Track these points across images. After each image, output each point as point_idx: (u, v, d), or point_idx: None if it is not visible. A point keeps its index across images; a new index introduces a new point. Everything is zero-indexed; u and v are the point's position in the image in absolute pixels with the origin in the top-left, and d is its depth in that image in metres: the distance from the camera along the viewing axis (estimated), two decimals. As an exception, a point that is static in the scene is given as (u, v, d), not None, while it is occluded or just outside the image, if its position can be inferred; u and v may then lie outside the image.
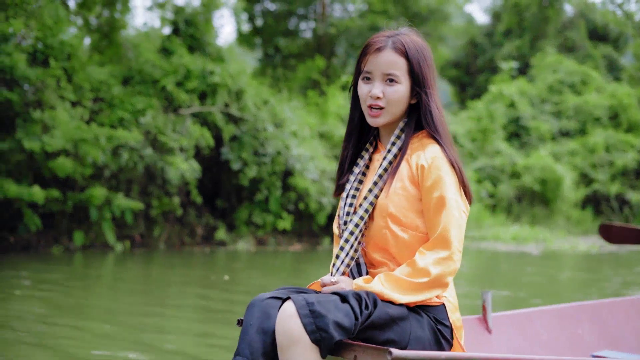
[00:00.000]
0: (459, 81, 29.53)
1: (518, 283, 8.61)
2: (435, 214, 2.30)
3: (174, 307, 6.48)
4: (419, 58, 2.39)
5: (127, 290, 7.56)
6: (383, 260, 2.41)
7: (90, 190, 10.60)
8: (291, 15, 23.76)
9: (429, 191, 2.31)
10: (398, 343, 2.23)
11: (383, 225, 2.37)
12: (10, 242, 10.80)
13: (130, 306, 6.44)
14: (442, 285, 2.28)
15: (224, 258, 11.01)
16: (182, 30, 12.98)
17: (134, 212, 11.31)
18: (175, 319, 5.88)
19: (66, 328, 5.21)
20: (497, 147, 18.70)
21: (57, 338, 4.86)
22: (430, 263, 2.25)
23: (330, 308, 2.12)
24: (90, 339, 4.89)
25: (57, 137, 9.97)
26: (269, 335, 2.16)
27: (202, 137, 11.61)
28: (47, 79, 10.05)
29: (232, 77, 12.24)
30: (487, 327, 3.03)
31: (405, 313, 2.26)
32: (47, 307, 6.19)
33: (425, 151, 2.36)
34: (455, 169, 2.33)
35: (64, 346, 4.56)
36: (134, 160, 10.99)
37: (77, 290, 7.48)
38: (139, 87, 11.68)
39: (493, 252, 12.69)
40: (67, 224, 11.04)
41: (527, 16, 27.46)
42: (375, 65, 2.40)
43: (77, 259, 10.14)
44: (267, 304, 2.21)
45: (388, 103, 2.39)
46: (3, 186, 9.68)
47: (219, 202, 12.76)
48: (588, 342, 3.27)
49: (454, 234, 2.28)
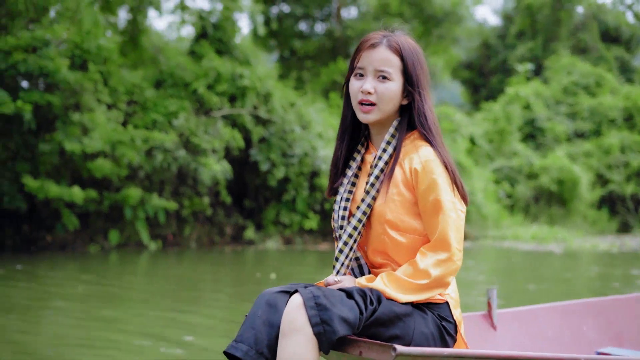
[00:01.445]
0: (472, 82, 29.74)
1: (553, 279, 8.89)
2: (432, 217, 2.32)
3: (226, 307, 6.74)
4: (413, 58, 2.39)
5: (175, 287, 7.82)
6: (384, 261, 2.42)
7: (125, 191, 10.89)
8: (306, 17, 24.01)
9: (424, 195, 2.32)
10: (402, 339, 2.26)
11: (381, 232, 2.38)
12: (47, 242, 11.10)
13: (185, 304, 6.70)
14: (443, 285, 2.32)
15: (259, 256, 11.27)
16: (210, 34, 13.26)
17: (167, 212, 11.59)
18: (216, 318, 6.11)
19: (108, 323, 5.45)
20: (514, 148, 18.95)
21: (100, 331, 5.12)
22: (430, 265, 2.28)
23: (336, 302, 2.15)
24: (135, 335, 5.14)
25: (96, 139, 10.26)
26: (275, 328, 2.19)
27: (233, 138, 11.88)
28: (85, 82, 10.33)
29: (260, 80, 12.51)
30: (492, 324, 3.04)
31: (409, 310, 2.29)
32: (88, 303, 6.45)
33: (418, 154, 2.35)
34: (448, 170, 2.32)
35: (103, 341, 4.75)
36: (168, 162, 11.27)
37: (120, 287, 7.75)
38: (170, 90, 11.97)
39: (517, 252, 12.93)
40: (102, 224, 11.32)
41: (540, 18, 27.67)
42: (368, 61, 2.39)
43: (113, 257, 10.42)
44: (275, 297, 2.24)
45: (379, 99, 2.37)
46: (44, 187, 9.96)
47: (246, 202, 13.04)
48: (592, 339, 3.27)
49: (452, 236, 2.30)
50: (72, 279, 8.19)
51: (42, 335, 4.96)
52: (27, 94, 9.70)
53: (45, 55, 9.76)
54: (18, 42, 9.65)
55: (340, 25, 22.88)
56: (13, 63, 9.58)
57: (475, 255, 12.09)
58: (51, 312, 5.88)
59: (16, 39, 9.66)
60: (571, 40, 26.79)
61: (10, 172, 10.33)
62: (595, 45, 26.30)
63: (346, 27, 22.74)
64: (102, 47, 10.61)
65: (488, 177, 17.09)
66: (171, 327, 5.34)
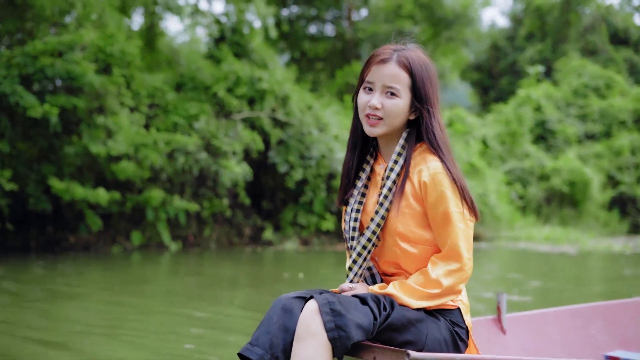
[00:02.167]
0: (481, 84, 29.89)
1: (577, 280, 9.06)
2: (442, 228, 2.36)
3: (257, 308, 6.90)
4: (422, 75, 2.40)
5: (202, 288, 7.98)
6: (396, 271, 2.47)
7: (148, 192, 11.07)
8: (317, 19, 24.19)
9: (433, 207, 2.36)
10: (415, 344, 2.29)
11: (392, 244, 2.42)
12: (71, 242, 11.29)
13: (215, 306, 6.86)
14: (455, 294, 2.38)
15: (280, 257, 11.43)
16: (227, 37, 13.44)
17: (187, 213, 11.77)
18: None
19: (135, 322, 5.61)
20: (525, 150, 19.11)
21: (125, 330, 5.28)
22: (441, 275, 2.33)
23: (350, 308, 2.19)
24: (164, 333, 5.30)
25: (120, 141, 10.44)
26: (290, 333, 2.22)
27: (253, 141, 12.06)
28: (110, 86, 10.51)
29: (278, 83, 12.68)
30: (501, 328, 3.07)
31: (422, 316, 2.33)
32: (118, 302, 6.63)
33: (427, 166, 2.38)
34: (457, 186, 2.36)
35: (128, 338, 4.86)
36: (189, 164, 11.45)
37: (153, 286, 7.93)
38: (191, 94, 12.15)
39: (533, 252, 13.07)
40: (124, 225, 11.50)
41: (549, 20, 27.82)
42: (378, 76, 2.41)
43: (136, 258, 10.59)
44: (291, 303, 2.28)
45: (386, 115, 2.40)
46: (70, 189, 10.14)
47: (264, 203, 13.22)
48: (601, 342, 3.29)
49: (462, 246, 2.35)
50: (97, 278, 8.37)
51: (65, 333, 5.11)
52: (54, 98, 9.88)
53: (70, 60, 9.94)
54: (45, 47, 9.83)
55: (351, 28, 23.04)
56: (41, 67, 9.76)
57: (496, 257, 12.25)
58: (76, 307, 6.05)
59: (43, 44, 9.84)
60: (580, 42, 26.93)
61: (35, 174, 10.50)
62: (604, 47, 26.44)
63: (357, 30, 22.91)
64: (125, 51, 10.78)
65: (500, 179, 17.25)
66: (206, 327, 5.50)
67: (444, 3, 23.10)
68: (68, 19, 11.07)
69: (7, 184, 9.82)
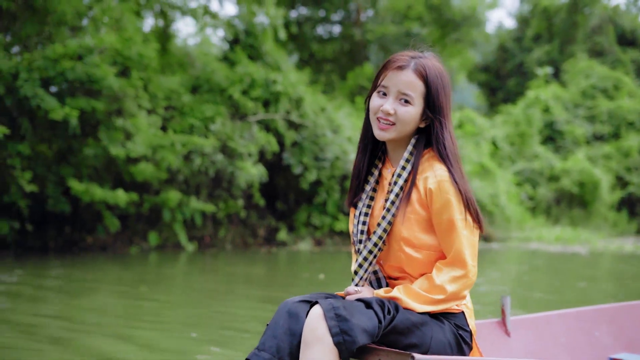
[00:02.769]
0: (489, 85, 30.00)
1: (596, 279, 9.17)
2: (446, 235, 2.39)
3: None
4: (437, 85, 2.41)
5: (229, 285, 8.11)
6: (400, 275, 2.51)
7: (165, 194, 11.20)
8: (325, 20, 24.31)
9: (438, 214, 2.39)
10: (420, 347, 2.32)
11: (397, 249, 2.45)
12: (88, 243, 11.43)
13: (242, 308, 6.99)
14: (459, 299, 2.40)
15: (296, 257, 11.57)
16: (241, 40, 13.58)
17: (202, 214, 11.90)
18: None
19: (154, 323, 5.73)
20: (535, 151, 19.22)
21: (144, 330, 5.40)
22: (446, 281, 2.36)
23: (355, 313, 2.21)
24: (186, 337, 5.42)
25: (139, 143, 10.57)
26: (296, 337, 2.25)
27: (268, 143, 12.19)
28: (128, 88, 10.64)
29: (292, 85, 12.81)
30: (506, 331, 3.08)
31: (426, 319, 2.36)
32: (140, 301, 6.76)
33: (433, 173, 2.41)
34: (462, 197, 2.38)
35: (145, 338, 4.92)
36: (206, 165, 11.58)
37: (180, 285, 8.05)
38: (207, 96, 12.28)
39: (545, 253, 13.18)
40: (142, 226, 11.64)
41: (556, 21, 27.92)
42: (393, 82, 2.43)
43: (154, 258, 10.72)
44: (297, 307, 2.30)
45: (398, 121, 2.42)
46: (89, 190, 10.27)
47: (278, 204, 13.34)
48: (605, 345, 3.29)
49: (467, 253, 2.37)
50: (122, 277, 8.50)
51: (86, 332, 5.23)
52: (74, 100, 10.01)
53: (90, 63, 10.07)
54: (66, 51, 9.96)
55: (359, 29, 23.15)
56: (61, 70, 9.89)
57: (510, 257, 12.35)
58: (98, 308, 6.17)
59: (64, 48, 9.98)
60: (587, 43, 27.03)
61: (54, 175, 10.64)
62: (611, 48, 26.52)
63: (366, 31, 23.02)
64: (143, 54, 10.91)
65: (510, 180, 17.36)
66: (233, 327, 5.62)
67: (452, 5, 23.22)
68: (85, 22, 11.22)
69: (27, 186, 9.96)
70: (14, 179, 10.04)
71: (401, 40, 22.45)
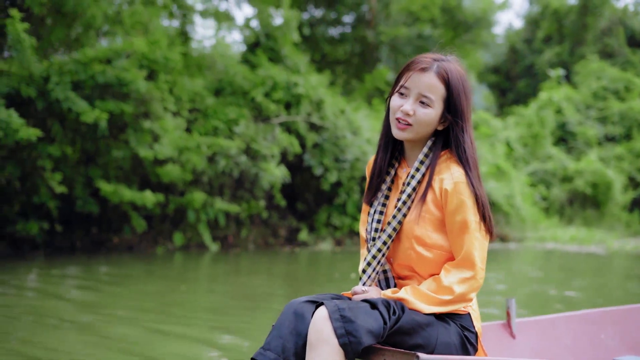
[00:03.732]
0: (499, 86, 30.17)
1: (618, 278, 9.35)
2: (458, 236, 2.41)
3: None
4: (458, 89, 2.44)
5: (272, 286, 8.29)
6: (409, 274, 2.52)
7: (190, 194, 11.41)
8: (338, 22, 24.47)
9: (452, 214, 2.42)
10: (425, 348, 2.33)
11: (408, 247, 2.47)
12: (114, 243, 11.63)
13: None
14: (466, 301, 2.42)
15: (320, 257, 11.75)
16: (262, 43, 13.78)
17: (226, 215, 12.11)
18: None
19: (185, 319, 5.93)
20: (548, 152, 19.40)
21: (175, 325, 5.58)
22: (454, 282, 2.38)
23: (360, 314, 2.23)
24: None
25: (166, 145, 10.78)
26: (301, 337, 2.27)
27: (290, 144, 12.39)
28: (155, 91, 10.84)
29: (313, 88, 13.01)
30: (511, 333, 3.10)
31: (432, 320, 2.38)
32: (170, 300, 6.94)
33: (450, 174, 2.44)
34: (478, 202, 2.41)
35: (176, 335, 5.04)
36: (230, 167, 11.79)
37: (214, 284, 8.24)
38: (230, 98, 12.49)
39: (562, 253, 13.35)
40: (167, 226, 11.85)
41: (567, 23, 28.08)
42: (415, 83, 2.45)
43: (179, 258, 10.91)
44: (302, 307, 2.32)
45: (416, 122, 2.44)
46: (118, 191, 10.48)
47: (298, 205, 13.54)
48: (611, 347, 3.30)
49: (477, 255, 2.39)
50: (153, 277, 8.70)
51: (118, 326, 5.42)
52: (103, 103, 10.21)
53: (119, 66, 10.27)
54: (96, 54, 10.17)
55: (372, 31, 23.32)
56: (92, 74, 10.10)
57: (529, 257, 12.51)
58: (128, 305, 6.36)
59: (94, 52, 10.18)
60: (598, 45, 27.18)
61: (82, 177, 10.84)
62: (621, 49, 26.67)
63: (378, 33, 23.18)
64: (168, 57, 11.11)
65: (524, 181, 17.54)
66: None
67: (463, 7, 23.39)
68: (106, 26, 11.40)
69: (57, 187, 10.16)
70: (44, 180, 10.25)
71: (413, 42, 22.65)
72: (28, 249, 10.74)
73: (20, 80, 9.78)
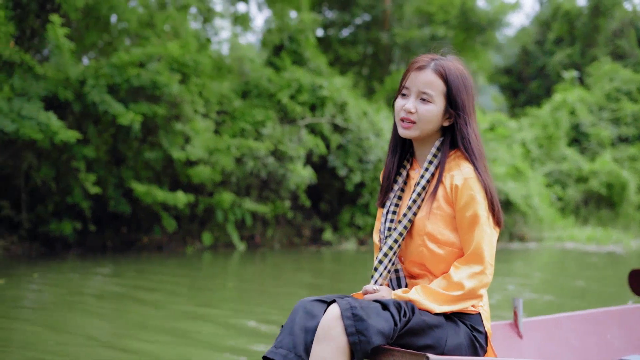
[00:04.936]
0: (511, 87, 30.35)
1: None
2: (468, 231, 2.43)
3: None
4: (458, 84, 2.48)
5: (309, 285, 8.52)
6: (421, 272, 2.54)
7: (218, 195, 11.64)
8: (352, 24, 24.66)
9: (462, 210, 2.43)
10: (435, 349, 2.35)
11: (420, 243, 2.49)
12: (144, 243, 11.86)
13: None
14: (476, 297, 2.43)
15: (347, 256, 11.98)
16: (286, 46, 14.02)
17: (252, 215, 12.34)
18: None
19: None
20: (563, 153, 19.61)
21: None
22: (464, 277, 2.39)
23: (371, 314, 2.25)
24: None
25: (197, 147, 11.01)
26: (311, 334, 2.29)
27: (316, 146, 12.62)
28: (186, 94, 11.07)
29: (337, 90, 13.24)
30: (518, 333, 3.11)
31: (441, 321, 2.39)
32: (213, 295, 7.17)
33: (460, 171, 2.46)
34: (487, 193, 2.43)
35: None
36: (258, 168, 12.02)
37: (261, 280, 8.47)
38: (256, 101, 12.72)
39: (583, 252, 13.56)
40: (195, 226, 12.08)
41: (578, 25, 28.27)
42: (414, 82, 2.50)
43: (207, 257, 11.14)
44: (312, 306, 2.36)
45: (419, 119, 2.48)
46: (150, 192, 10.71)
47: (322, 205, 13.77)
48: (617, 347, 3.31)
49: (486, 250, 2.40)
50: (212, 274, 8.94)
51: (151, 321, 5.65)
52: (137, 106, 10.45)
53: (152, 70, 10.50)
54: (131, 58, 10.40)
55: (387, 33, 23.50)
56: (127, 77, 10.33)
57: (551, 256, 12.71)
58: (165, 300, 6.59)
59: (129, 55, 10.42)
60: (609, 46, 27.37)
61: (114, 177, 11.08)
62: (633, 51, 26.85)
63: (393, 35, 23.37)
64: (198, 61, 11.34)
65: (541, 181, 17.75)
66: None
67: (477, 9, 23.54)
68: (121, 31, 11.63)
69: (92, 188, 10.39)
70: (78, 181, 10.48)
71: (426, 44, 22.81)
72: (60, 248, 10.98)
73: (57, 84, 10.02)
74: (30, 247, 10.72)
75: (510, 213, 15.11)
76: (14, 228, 10.78)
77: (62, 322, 5.40)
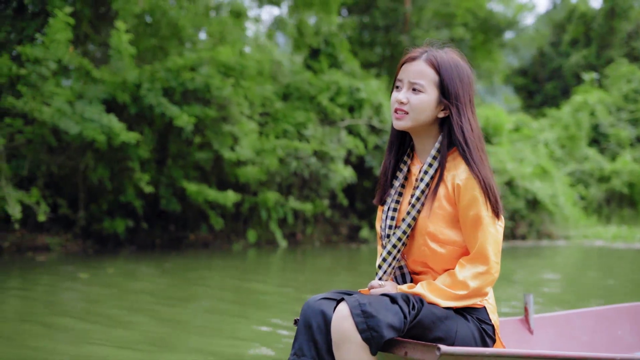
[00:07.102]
0: (526, 89, 30.74)
1: None
2: (472, 231, 2.41)
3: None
4: (451, 73, 2.44)
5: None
6: (423, 270, 2.54)
7: (263, 194, 12.06)
8: (372, 27, 25.01)
9: (465, 210, 2.42)
10: (445, 340, 2.35)
11: (422, 243, 2.48)
12: (191, 240, 12.28)
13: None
14: (481, 295, 2.42)
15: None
16: (322, 49, 14.44)
17: (294, 214, 12.78)
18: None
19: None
20: (584, 153, 20.03)
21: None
22: (469, 277, 2.38)
23: (381, 309, 2.24)
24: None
25: (245, 147, 11.43)
26: (327, 334, 2.31)
27: (356, 147, 13.05)
28: (234, 96, 11.49)
29: (374, 92, 13.67)
30: (529, 328, 3.12)
31: (450, 313, 2.39)
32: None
33: (461, 170, 2.44)
34: (481, 184, 2.40)
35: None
36: (301, 168, 12.45)
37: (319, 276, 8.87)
38: (297, 103, 13.15)
39: (613, 250, 13.92)
40: (240, 224, 12.50)
41: (594, 27, 28.67)
42: (406, 73, 2.48)
43: (252, 254, 11.54)
44: (321, 304, 2.35)
45: (411, 109, 2.44)
46: (202, 191, 11.12)
47: (357, 204, 14.19)
48: (628, 343, 3.31)
49: (491, 249, 2.38)
50: (282, 269, 9.34)
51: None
52: (190, 108, 10.87)
53: (204, 73, 10.92)
54: (185, 62, 10.83)
55: (407, 35, 23.89)
56: (182, 81, 10.75)
57: (584, 254, 13.00)
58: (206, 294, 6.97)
59: (183, 60, 10.84)
60: (624, 48, 27.76)
61: (165, 177, 11.49)
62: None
63: (413, 37, 23.75)
64: (244, 65, 11.76)
65: (564, 181, 18.16)
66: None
67: (495, 11, 23.95)
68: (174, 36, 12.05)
69: (146, 187, 10.80)
70: (132, 180, 10.89)
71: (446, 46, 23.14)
72: (112, 246, 11.39)
73: (115, 87, 10.43)
74: (83, 244, 11.14)
75: (537, 212, 15.52)
76: (69, 226, 11.19)
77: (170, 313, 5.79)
